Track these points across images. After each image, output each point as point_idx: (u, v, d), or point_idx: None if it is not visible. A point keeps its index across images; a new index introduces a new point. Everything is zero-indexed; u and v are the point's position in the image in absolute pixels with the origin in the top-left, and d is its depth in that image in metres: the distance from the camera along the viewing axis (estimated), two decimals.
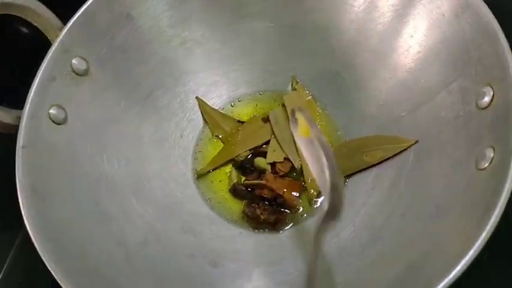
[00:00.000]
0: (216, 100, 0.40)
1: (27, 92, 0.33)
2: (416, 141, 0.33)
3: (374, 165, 0.35)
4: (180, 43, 0.39)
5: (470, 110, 0.30)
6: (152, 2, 0.37)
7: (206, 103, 0.40)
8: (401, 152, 0.33)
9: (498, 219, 0.24)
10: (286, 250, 0.33)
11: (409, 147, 0.33)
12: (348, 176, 0.35)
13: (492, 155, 0.27)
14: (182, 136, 0.39)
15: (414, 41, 0.34)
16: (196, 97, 0.40)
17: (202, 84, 0.40)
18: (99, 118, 0.36)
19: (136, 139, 0.37)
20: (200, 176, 0.37)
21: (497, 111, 0.28)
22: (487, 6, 0.29)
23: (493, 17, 0.29)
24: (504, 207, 0.24)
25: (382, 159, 0.34)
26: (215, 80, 0.40)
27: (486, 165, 0.27)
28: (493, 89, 0.28)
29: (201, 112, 0.40)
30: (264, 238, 0.34)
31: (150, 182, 0.36)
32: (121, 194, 0.34)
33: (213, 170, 0.38)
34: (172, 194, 0.36)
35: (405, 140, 0.34)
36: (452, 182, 0.29)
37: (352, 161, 0.35)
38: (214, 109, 0.40)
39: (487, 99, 0.28)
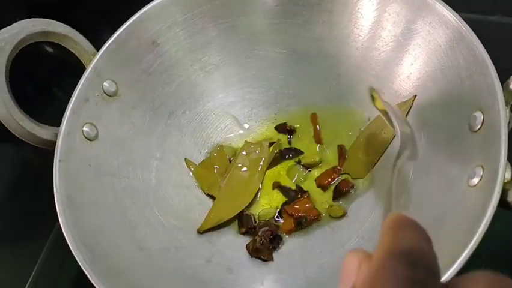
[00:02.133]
0: (232, 120, 0.44)
1: (61, 110, 0.36)
2: (415, 96, 0.36)
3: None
4: (200, 67, 0.43)
5: (464, 132, 0.32)
6: (175, 30, 0.41)
7: (193, 163, 0.42)
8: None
9: (486, 229, 0.26)
10: (295, 258, 0.36)
11: (411, 104, 0.37)
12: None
13: (481, 173, 0.30)
14: (200, 152, 0.42)
15: (414, 68, 0.38)
16: (185, 159, 0.41)
17: (220, 104, 0.44)
18: (126, 135, 0.39)
19: (159, 154, 0.41)
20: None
21: (487, 134, 0.30)
22: (478, 39, 0.32)
23: (484, 49, 0.32)
24: (491, 219, 0.27)
25: None
26: (232, 101, 0.44)
27: (476, 181, 0.30)
28: (483, 114, 0.31)
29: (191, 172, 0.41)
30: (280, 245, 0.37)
31: (171, 194, 0.39)
32: (144, 204, 0.38)
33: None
34: (190, 205, 0.40)
35: (405, 102, 0.37)
36: (447, 197, 0.32)
37: (377, 142, 0.39)
38: (200, 166, 0.41)
39: (478, 123, 0.31)
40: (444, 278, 0.26)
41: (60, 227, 0.32)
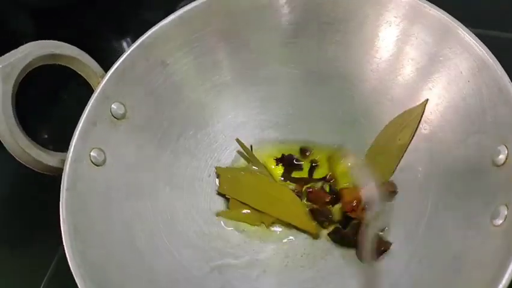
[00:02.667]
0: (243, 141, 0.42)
1: (67, 134, 0.35)
2: (427, 100, 0.35)
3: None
4: (210, 87, 0.42)
5: (486, 165, 0.31)
6: (185, 49, 0.40)
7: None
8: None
9: (509, 280, 0.25)
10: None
11: (424, 109, 0.36)
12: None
13: (506, 212, 0.28)
14: (210, 175, 0.41)
15: (433, 93, 0.36)
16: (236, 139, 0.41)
17: (230, 125, 0.42)
18: (134, 158, 0.38)
19: (168, 178, 0.39)
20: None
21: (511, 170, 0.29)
22: (502, 68, 0.31)
23: (509, 80, 0.31)
24: None
25: (412, 135, 0.37)
26: (242, 122, 0.43)
27: (500, 222, 0.28)
28: (507, 148, 0.30)
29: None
30: (288, 277, 0.36)
31: (181, 220, 0.38)
32: (153, 232, 0.37)
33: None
34: (200, 231, 0.39)
35: (416, 108, 0.36)
36: (468, 236, 0.30)
37: (392, 150, 0.38)
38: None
39: (502, 157, 0.30)
40: None
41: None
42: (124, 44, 0.50)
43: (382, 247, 0.35)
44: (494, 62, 0.32)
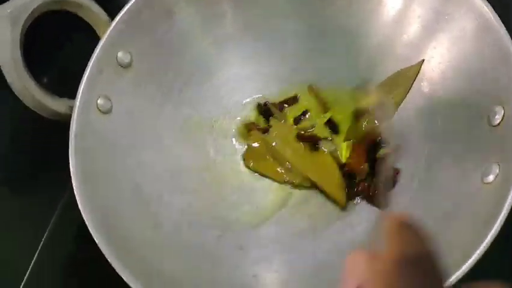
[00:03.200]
0: (246, 94, 0.43)
1: (76, 81, 0.36)
2: (422, 61, 0.37)
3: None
4: (215, 39, 0.42)
5: (482, 125, 0.32)
6: None
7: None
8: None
9: (497, 233, 0.27)
10: (305, 240, 0.37)
11: (419, 69, 0.37)
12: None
13: (497, 171, 0.30)
14: (213, 127, 0.42)
15: (437, 52, 0.37)
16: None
17: (234, 78, 0.43)
18: (140, 107, 0.39)
19: (172, 127, 0.40)
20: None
21: (506, 131, 0.30)
22: (506, 31, 0.31)
23: (511, 42, 0.31)
24: (504, 221, 0.27)
25: (405, 94, 0.38)
26: (247, 74, 0.43)
27: (491, 180, 0.30)
28: (504, 110, 0.31)
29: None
30: (286, 227, 0.38)
31: (183, 168, 0.39)
32: (157, 180, 0.38)
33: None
34: (202, 179, 0.40)
35: (411, 68, 0.37)
36: (459, 192, 0.32)
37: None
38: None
39: (498, 117, 0.31)
40: (455, 276, 0.27)
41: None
42: None
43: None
44: (498, 23, 0.32)
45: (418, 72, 0.38)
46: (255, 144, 0.41)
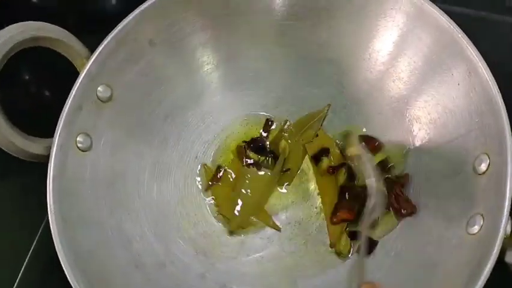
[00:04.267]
0: (228, 122, 0.42)
1: (53, 120, 0.34)
2: (329, 105, 0.39)
3: None
4: (198, 67, 0.41)
5: (467, 171, 0.32)
6: (173, 29, 0.38)
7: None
8: None
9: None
10: (288, 276, 0.37)
11: (325, 113, 0.40)
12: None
13: (482, 222, 0.30)
14: (197, 157, 0.41)
15: (423, 91, 0.36)
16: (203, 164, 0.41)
17: (217, 106, 0.42)
18: (121, 141, 0.38)
19: (154, 160, 0.40)
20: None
21: (491, 181, 0.30)
22: (493, 78, 0.31)
23: (498, 90, 0.31)
24: (488, 276, 0.27)
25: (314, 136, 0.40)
26: (230, 103, 0.42)
27: (475, 231, 0.30)
28: (489, 159, 0.31)
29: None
30: (270, 264, 0.37)
31: (166, 203, 0.39)
32: (140, 216, 0.37)
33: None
34: (187, 214, 0.39)
35: (319, 112, 0.40)
36: (444, 238, 0.32)
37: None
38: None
39: (483, 166, 0.31)
40: None
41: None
42: None
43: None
44: (485, 69, 0.31)
45: (325, 116, 0.40)
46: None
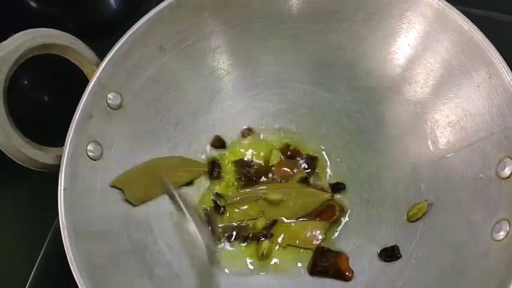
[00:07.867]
0: (239, 129, 0.41)
1: (63, 128, 0.34)
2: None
3: None
4: (209, 72, 0.40)
5: (490, 176, 0.31)
6: (183, 34, 0.38)
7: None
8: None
9: None
10: None
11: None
12: None
13: (508, 228, 0.29)
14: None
15: (441, 94, 0.35)
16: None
17: (228, 112, 0.41)
18: (131, 149, 0.37)
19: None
20: None
21: None
22: None
23: None
24: None
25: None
26: (241, 109, 0.41)
27: (502, 237, 0.29)
28: None
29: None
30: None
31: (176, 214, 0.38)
32: (150, 226, 0.36)
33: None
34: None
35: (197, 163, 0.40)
36: (467, 245, 0.31)
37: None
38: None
39: (507, 170, 0.30)
40: None
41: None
42: None
43: None
44: (507, 71, 0.31)
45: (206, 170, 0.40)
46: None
